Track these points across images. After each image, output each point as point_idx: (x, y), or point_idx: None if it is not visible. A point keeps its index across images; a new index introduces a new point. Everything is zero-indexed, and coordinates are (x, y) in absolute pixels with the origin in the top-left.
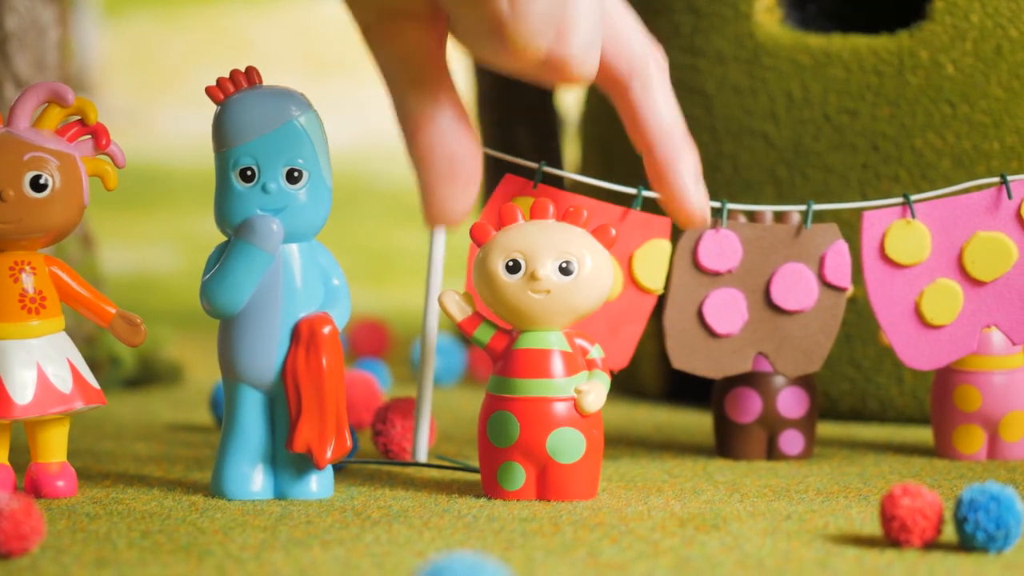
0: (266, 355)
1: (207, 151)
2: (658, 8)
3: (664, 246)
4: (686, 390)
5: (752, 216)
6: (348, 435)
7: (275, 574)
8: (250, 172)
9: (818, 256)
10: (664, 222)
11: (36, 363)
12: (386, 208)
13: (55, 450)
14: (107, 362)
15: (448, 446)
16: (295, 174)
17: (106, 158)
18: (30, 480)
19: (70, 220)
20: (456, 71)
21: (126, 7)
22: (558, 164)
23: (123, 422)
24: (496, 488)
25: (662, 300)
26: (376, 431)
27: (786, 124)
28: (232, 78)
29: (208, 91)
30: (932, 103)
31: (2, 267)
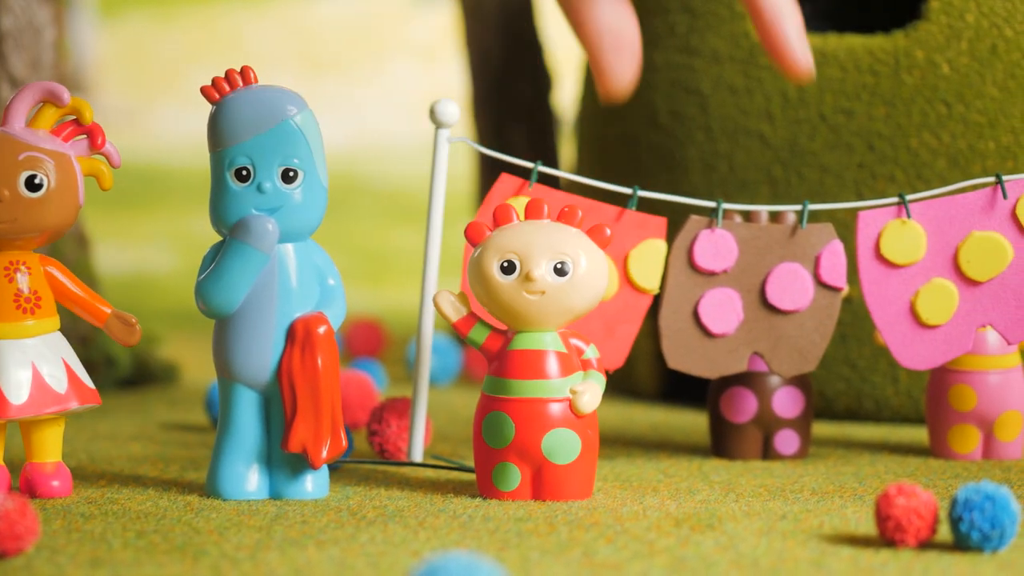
0: (261, 355)
1: (203, 151)
2: (654, 8)
3: (659, 246)
4: (682, 390)
5: (748, 216)
6: (343, 435)
7: (270, 574)
8: (245, 172)
9: (813, 256)
10: (659, 222)
11: (31, 363)
12: (382, 208)
13: (50, 450)
14: (103, 362)
15: (444, 446)
16: (290, 174)
17: (101, 158)
18: (25, 480)
19: (65, 220)
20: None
21: (122, 7)
22: (554, 164)
23: (118, 422)
24: (491, 488)
25: (658, 300)
26: (372, 431)
27: (782, 124)
28: (227, 78)
29: (203, 91)
30: (928, 103)
31: None
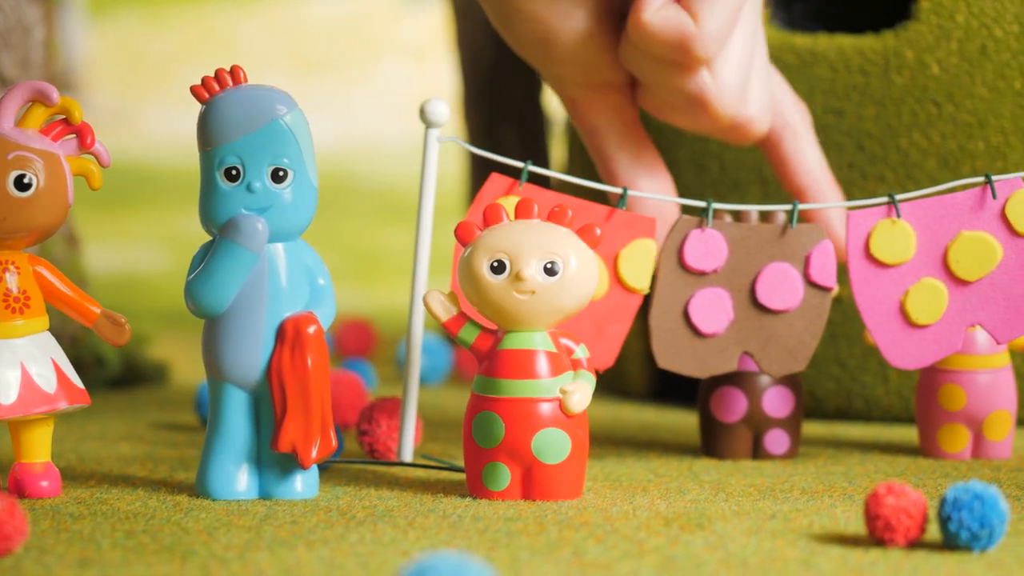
0: (251, 355)
1: (193, 150)
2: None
3: (650, 246)
4: (672, 390)
5: (738, 216)
6: (333, 435)
7: (259, 574)
8: (235, 171)
9: (803, 256)
10: (649, 222)
11: (20, 363)
12: (372, 207)
13: (39, 450)
14: (92, 362)
15: (434, 446)
16: (280, 173)
17: (91, 157)
18: (14, 480)
19: (54, 219)
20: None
21: (112, 6)
22: (544, 164)
23: (108, 422)
24: (481, 488)
25: (648, 300)
26: (361, 431)
27: None
28: (217, 77)
29: (193, 90)
30: (917, 103)
31: None
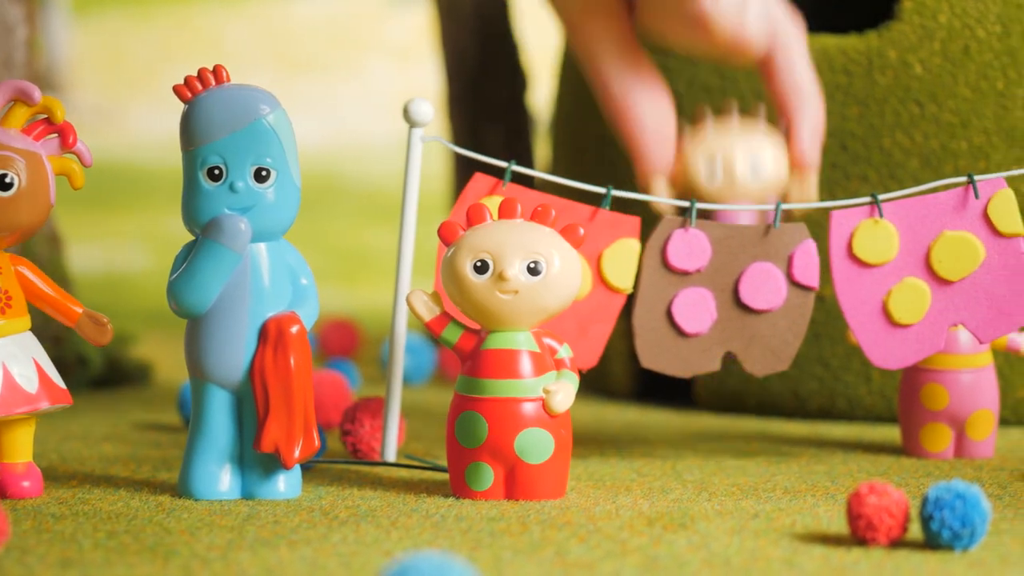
0: (234, 354)
1: (178, 150)
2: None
3: (633, 245)
4: (656, 389)
5: (719, 110)
6: (316, 435)
7: (241, 574)
8: (218, 171)
9: (787, 255)
10: (633, 222)
11: (2, 363)
12: (358, 207)
13: (21, 450)
14: (75, 362)
15: (417, 445)
16: (263, 173)
17: (73, 157)
18: None
19: (36, 219)
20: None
21: (97, 5)
22: (529, 163)
23: (90, 422)
24: (464, 488)
25: (631, 299)
26: (345, 431)
27: None
28: (200, 77)
29: (176, 90)
30: (900, 103)
31: None
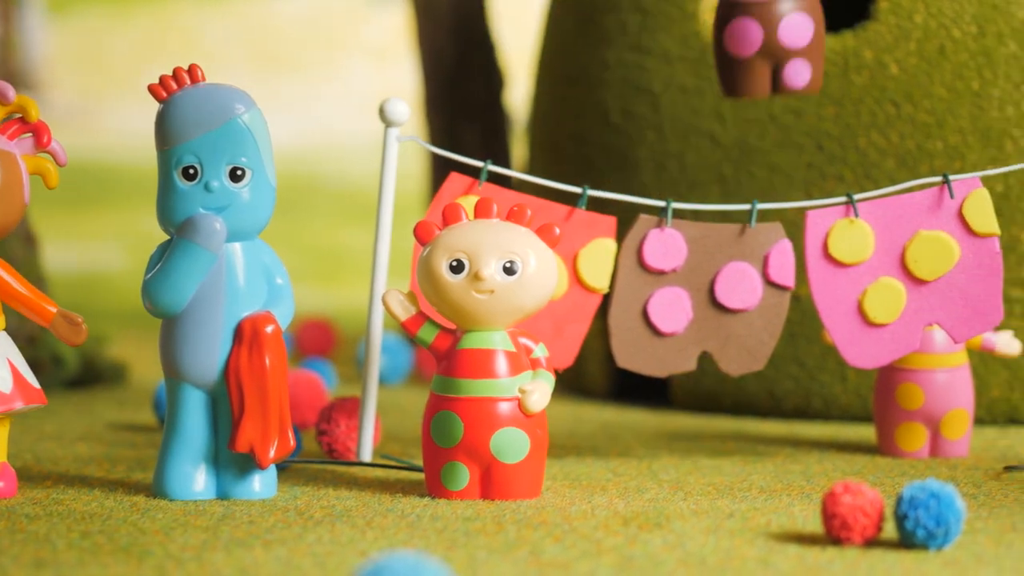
0: (209, 354)
1: (153, 149)
2: (605, 6)
3: (609, 245)
4: (632, 389)
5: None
6: (291, 434)
7: (215, 574)
8: (193, 170)
9: (762, 255)
10: (609, 221)
11: None
12: (336, 207)
13: None
14: (50, 362)
15: (394, 445)
16: (238, 172)
17: (47, 156)
18: None
19: (10, 219)
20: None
21: (74, 4)
22: (505, 163)
23: (65, 422)
24: (440, 488)
25: (607, 299)
26: (320, 430)
27: (732, 123)
28: (175, 76)
29: (151, 89)
30: (876, 103)
31: None
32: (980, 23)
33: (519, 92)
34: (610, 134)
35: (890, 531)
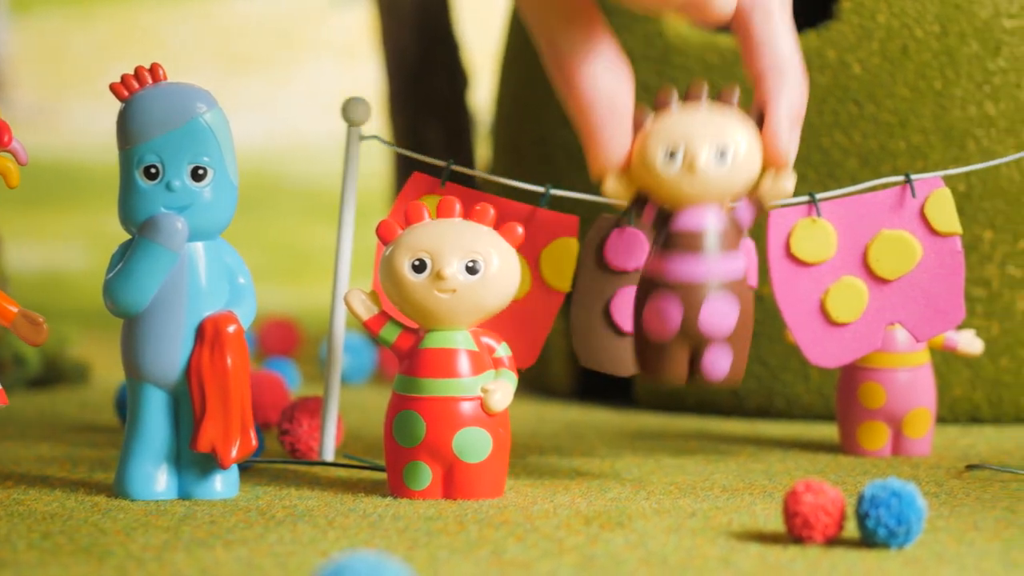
0: (170, 354)
1: (116, 149)
2: None
3: (571, 244)
4: (595, 388)
5: (686, 95)
6: (253, 434)
7: (176, 574)
8: (154, 170)
9: None
10: (572, 221)
11: None
12: (301, 206)
13: None
14: (12, 362)
15: (357, 445)
16: (200, 172)
17: (8, 155)
18: None
19: None
20: (371, 69)
21: (37, 3)
22: (469, 163)
23: (27, 422)
24: (402, 488)
25: (570, 298)
26: (283, 430)
27: None
28: (136, 75)
29: (112, 88)
30: (839, 102)
31: None
32: (943, 23)
33: (483, 91)
34: (572, 134)
35: (852, 530)
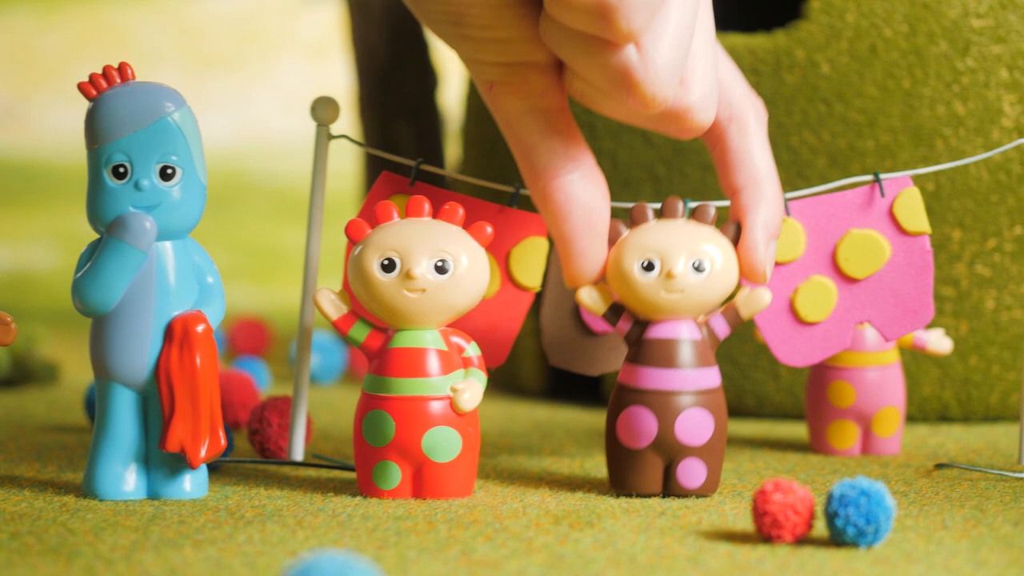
0: (139, 354)
1: (84, 148)
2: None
3: (541, 243)
4: (566, 387)
5: (661, 211)
6: (222, 434)
7: (144, 574)
8: (123, 169)
9: None
10: (541, 220)
11: None
12: (271, 206)
13: None
14: None
15: (326, 445)
16: (168, 171)
17: None
18: None
19: None
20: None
21: (4, 2)
22: (439, 163)
23: None
24: (372, 487)
25: (540, 297)
26: (252, 430)
27: None
28: (105, 74)
29: (80, 87)
30: (808, 102)
31: None
32: (911, 22)
33: (452, 91)
34: None
35: (821, 529)
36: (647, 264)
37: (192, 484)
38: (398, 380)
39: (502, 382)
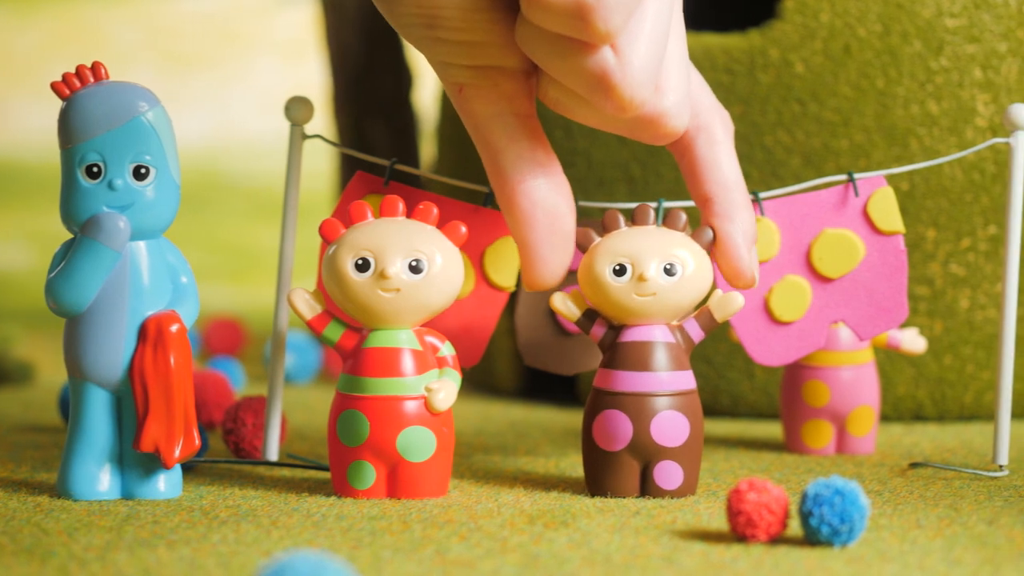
0: (113, 354)
1: (58, 147)
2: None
3: (515, 244)
4: (541, 387)
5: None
6: (196, 434)
7: (119, 575)
8: (96, 169)
9: None
10: None
11: None
12: (246, 205)
13: None
14: None
15: (301, 445)
16: (142, 171)
17: None
18: None
19: None
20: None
21: None
22: (414, 162)
23: None
24: (346, 487)
25: (514, 297)
26: (227, 429)
27: None
28: (78, 73)
29: (54, 87)
30: (782, 101)
31: None
32: (885, 22)
33: (427, 91)
34: None
35: (795, 528)
36: (619, 268)
37: (166, 484)
38: (372, 380)
39: (477, 382)
